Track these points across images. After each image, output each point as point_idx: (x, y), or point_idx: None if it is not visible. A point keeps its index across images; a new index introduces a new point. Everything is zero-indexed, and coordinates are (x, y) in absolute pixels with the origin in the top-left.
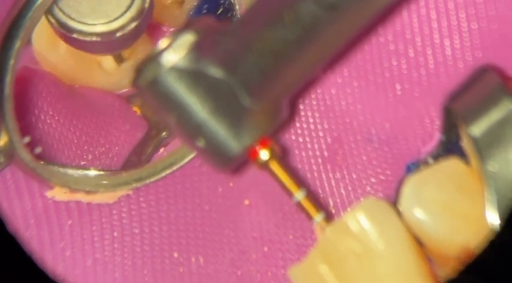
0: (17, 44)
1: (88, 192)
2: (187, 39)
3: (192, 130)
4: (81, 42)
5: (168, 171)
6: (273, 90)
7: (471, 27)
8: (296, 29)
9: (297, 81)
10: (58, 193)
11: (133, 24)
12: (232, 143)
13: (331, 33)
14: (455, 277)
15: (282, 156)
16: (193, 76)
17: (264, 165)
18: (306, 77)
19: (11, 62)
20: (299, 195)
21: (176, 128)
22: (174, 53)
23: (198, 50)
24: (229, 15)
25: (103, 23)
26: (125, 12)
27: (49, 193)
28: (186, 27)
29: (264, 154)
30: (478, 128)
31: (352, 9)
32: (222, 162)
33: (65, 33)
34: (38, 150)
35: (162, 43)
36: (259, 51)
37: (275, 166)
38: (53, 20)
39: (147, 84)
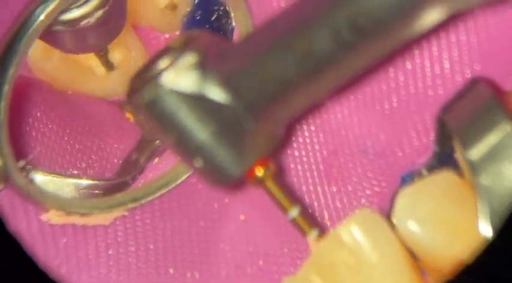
0: (11, 70)
1: (83, 215)
2: (189, 60)
3: (190, 151)
4: (53, 35)
5: (163, 191)
6: (278, 115)
7: (470, 40)
8: (307, 61)
9: (303, 107)
10: (53, 216)
11: (98, 13)
12: (233, 166)
13: (343, 68)
14: (455, 277)
15: (277, 173)
16: (194, 98)
17: (259, 182)
18: (312, 103)
19: (5, 88)
20: (293, 212)
21: (174, 147)
22: (176, 74)
23: (200, 71)
24: (223, 21)
25: (66, 11)
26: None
27: (44, 217)
28: (186, 45)
29: (259, 172)
30: (471, 143)
31: (368, 49)
32: (221, 183)
33: None
34: (21, 163)
35: (162, 62)
36: (267, 77)
37: (270, 184)
38: None
39: (145, 104)
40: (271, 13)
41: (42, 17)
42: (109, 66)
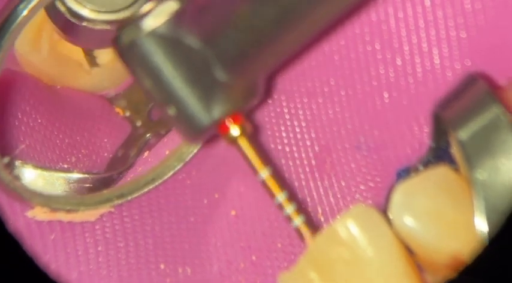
0: None
1: (69, 211)
2: (170, 6)
3: (164, 97)
4: (87, 32)
5: (150, 186)
6: (249, 67)
7: (460, 36)
8: (274, 7)
9: (274, 61)
10: (39, 213)
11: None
12: (202, 114)
13: (310, 14)
14: (455, 277)
15: (253, 133)
16: (171, 43)
17: (233, 141)
18: (284, 56)
19: None
20: (264, 173)
21: (150, 93)
22: (155, 18)
23: (178, 18)
24: None
25: (114, 11)
26: (136, 1)
27: (30, 213)
28: None
29: (234, 130)
30: (466, 135)
31: None
32: (192, 133)
33: (74, 21)
34: (6, 160)
35: (145, 7)
36: (238, 27)
37: (244, 144)
38: (62, 8)
39: (125, 46)
40: None
41: (25, 12)
42: (93, 62)
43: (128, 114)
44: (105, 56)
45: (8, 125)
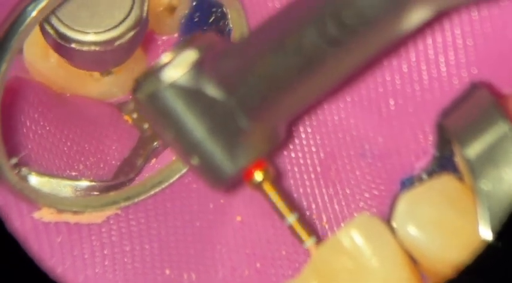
0: (3, 67)
1: (75, 212)
2: (190, 56)
3: (187, 148)
4: (77, 53)
5: (156, 189)
6: (271, 114)
7: (467, 43)
8: (297, 58)
9: (296, 107)
10: (45, 214)
11: (131, 33)
12: (227, 164)
13: (333, 66)
14: (455, 277)
15: (276, 177)
16: (192, 94)
17: (258, 187)
18: (306, 103)
19: None
20: (291, 218)
21: (172, 144)
22: (175, 69)
23: (199, 68)
24: (221, 23)
25: (101, 32)
26: (123, 20)
27: (36, 214)
28: (189, 43)
29: (258, 176)
30: (471, 147)
31: (356, 46)
32: (216, 182)
33: (63, 43)
34: (14, 161)
35: (165, 58)
36: (260, 75)
37: (268, 188)
38: (51, 31)
39: (146, 97)
40: (266, 13)
41: (34, 14)
42: (106, 72)
43: (135, 121)
44: None
45: (16, 133)
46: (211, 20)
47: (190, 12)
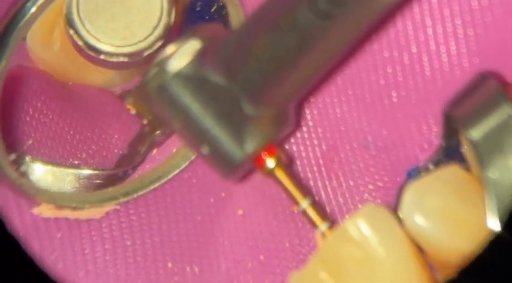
0: (2, 63)
1: (74, 208)
2: (193, 46)
3: (196, 137)
4: (107, 63)
5: (155, 185)
6: (275, 97)
7: (467, 33)
8: (293, 35)
9: (299, 87)
10: (44, 210)
11: (159, 43)
12: (236, 150)
13: (328, 40)
14: (455, 277)
15: (289, 164)
16: (197, 83)
17: (270, 173)
18: (309, 82)
19: None
20: (304, 203)
21: (182, 134)
22: (179, 59)
23: (202, 57)
24: (223, 13)
25: (130, 44)
26: (152, 32)
27: (35, 210)
28: (193, 33)
29: (270, 163)
30: (478, 135)
31: (348, 18)
32: (227, 170)
33: (93, 55)
34: (12, 157)
35: (169, 49)
36: (259, 58)
37: (281, 175)
38: (80, 43)
39: (153, 90)
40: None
41: (33, 10)
42: None
43: (138, 110)
44: None
45: (19, 121)
46: (213, 9)
47: (192, 2)
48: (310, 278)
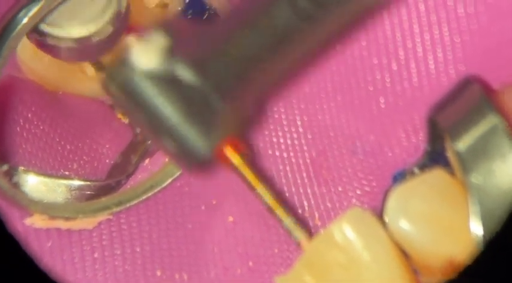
0: None
1: (67, 219)
2: (158, 41)
3: (161, 132)
4: (56, 48)
5: (148, 194)
6: (246, 94)
7: (454, 40)
8: (270, 35)
9: (270, 85)
10: (37, 221)
11: (109, 29)
12: (201, 144)
13: (305, 40)
14: (454, 278)
15: (252, 156)
16: (163, 79)
17: (234, 168)
18: (279, 81)
19: None
20: (268, 198)
21: (146, 129)
22: (145, 55)
23: (169, 53)
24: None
25: (78, 28)
26: (100, 16)
27: (28, 221)
28: (158, 28)
29: (233, 158)
30: (461, 141)
31: (327, 19)
32: (192, 164)
33: (39, 38)
34: (5, 167)
35: (132, 44)
36: (233, 56)
37: (244, 170)
38: None
39: (117, 86)
40: None
41: (25, 20)
42: (100, 67)
43: (129, 120)
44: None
45: (9, 132)
46: (204, 17)
47: (183, 9)
48: (295, 282)
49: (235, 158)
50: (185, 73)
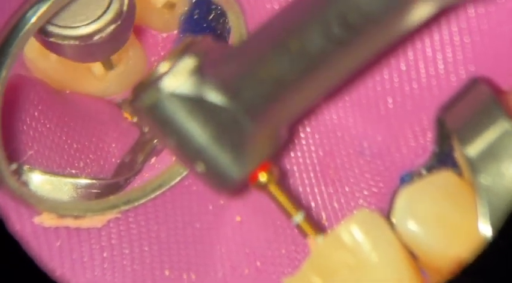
0: (3, 73)
1: (76, 217)
2: (188, 63)
3: (191, 155)
4: (60, 47)
5: (157, 193)
6: (276, 116)
7: (464, 40)
8: (302, 59)
9: (301, 108)
10: (46, 219)
11: (111, 27)
12: (234, 169)
13: (338, 65)
14: (455, 279)
15: (281, 178)
16: (194, 102)
17: (263, 188)
18: (310, 103)
19: None
20: (298, 217)
21: (175, 151)
22: (175, 78)
23: (199, 75)
24: (221, 21)
25: (80, 26)
26: (102, 15)
27: (37, 219)
28: (186, 49)
29: (262, 177)
30: (471, 143)
31: (361, 45)
32: (223, 187)
33: (43, 37)
34: (14, 166)
35: (162, 67)
36: (264, 78)
37: (274, 189)
38: None
39: (146, 108)
40: (264, 15)
41: (33, 20)
42: (109, 66)
43: (135, 119)
44: (116, 54)
45: (16, 130)
46: (210, 18)
47: (190, 9)
48: None
49: (264, 178)
50: (215, 95)
